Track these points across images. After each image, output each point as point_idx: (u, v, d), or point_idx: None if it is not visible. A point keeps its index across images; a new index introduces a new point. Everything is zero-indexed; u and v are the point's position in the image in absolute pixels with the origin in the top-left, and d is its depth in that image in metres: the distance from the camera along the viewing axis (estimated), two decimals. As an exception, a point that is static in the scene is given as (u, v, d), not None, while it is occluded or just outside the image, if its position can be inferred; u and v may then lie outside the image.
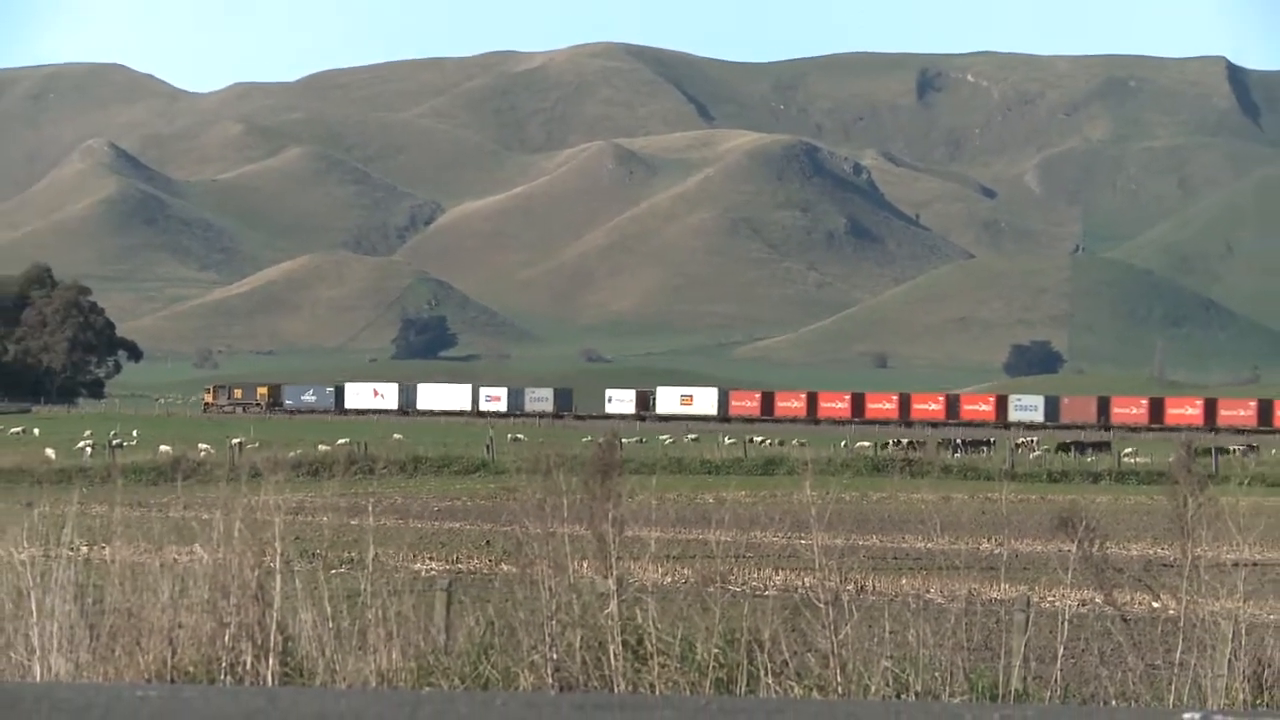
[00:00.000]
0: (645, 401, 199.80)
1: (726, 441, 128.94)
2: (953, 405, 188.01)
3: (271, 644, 21.94)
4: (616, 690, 21.11)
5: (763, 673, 21.04)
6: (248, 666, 21.86)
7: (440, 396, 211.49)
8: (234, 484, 23.91)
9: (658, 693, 20.95)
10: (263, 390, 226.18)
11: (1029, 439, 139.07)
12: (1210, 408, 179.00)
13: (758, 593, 33.58)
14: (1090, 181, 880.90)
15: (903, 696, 20.75)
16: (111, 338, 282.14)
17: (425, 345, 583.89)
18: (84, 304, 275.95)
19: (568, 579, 21.96)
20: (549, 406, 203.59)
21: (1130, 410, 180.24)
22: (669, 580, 38.17)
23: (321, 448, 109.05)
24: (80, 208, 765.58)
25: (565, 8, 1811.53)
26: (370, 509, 27.86)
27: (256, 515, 23.02)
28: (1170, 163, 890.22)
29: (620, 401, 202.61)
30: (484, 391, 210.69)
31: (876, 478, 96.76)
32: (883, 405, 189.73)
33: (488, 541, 53.63)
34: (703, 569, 37.12)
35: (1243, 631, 21.18)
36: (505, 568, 35.21)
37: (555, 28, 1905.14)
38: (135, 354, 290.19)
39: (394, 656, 21.93)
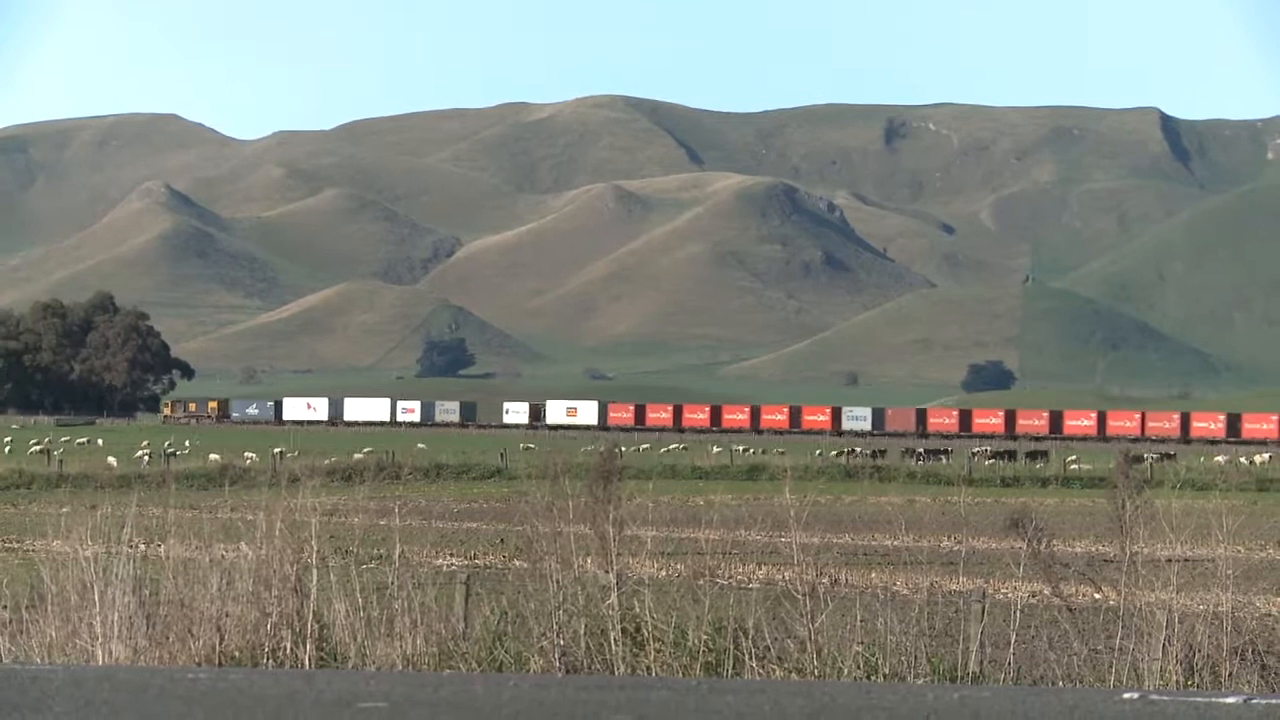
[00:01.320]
0: (537, 413, 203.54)
1: (715, 450, 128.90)
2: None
3: (309, 631, 21.89)
4: (617, 673, 21.05)
5: (747, 657, 20.99)
6: (287, 651, 21.80)
7: (364, 409, 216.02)
8: (275, 489, 23.85)
9: (654, 675, 20.89)
10: (214, 404, 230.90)
11: (983, 448, 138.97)
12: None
13: (743, 585, 33.49)
14: (1039, 219, 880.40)
15: (872, 678, 20.69)
16: (167, 358, 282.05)
17: (447, 365, 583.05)
18: (142, 328, 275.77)
19: (573, 573, 21.92)
20: (455, 417, 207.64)
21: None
22: (664, 574, 38.05)
23: (356, 456, 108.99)
24: (139, 242, 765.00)
25: (572, 64, 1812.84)
26: (397, 511, 27.74)
27: (295, 516, 22.98)
28: (1110, 202, 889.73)
29: (516, 413, 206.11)
30: (400, 404, 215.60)
31: (849, 483, 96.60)
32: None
33: (501, 540, 53.52)
34: (694, 564, 37.03)
35: (1176, 620, 21.14)
36: (517, 563, 35.13)
37: (563, 82, 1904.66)
38: (188, 373, 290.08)
39: (418, 642, 21.88)
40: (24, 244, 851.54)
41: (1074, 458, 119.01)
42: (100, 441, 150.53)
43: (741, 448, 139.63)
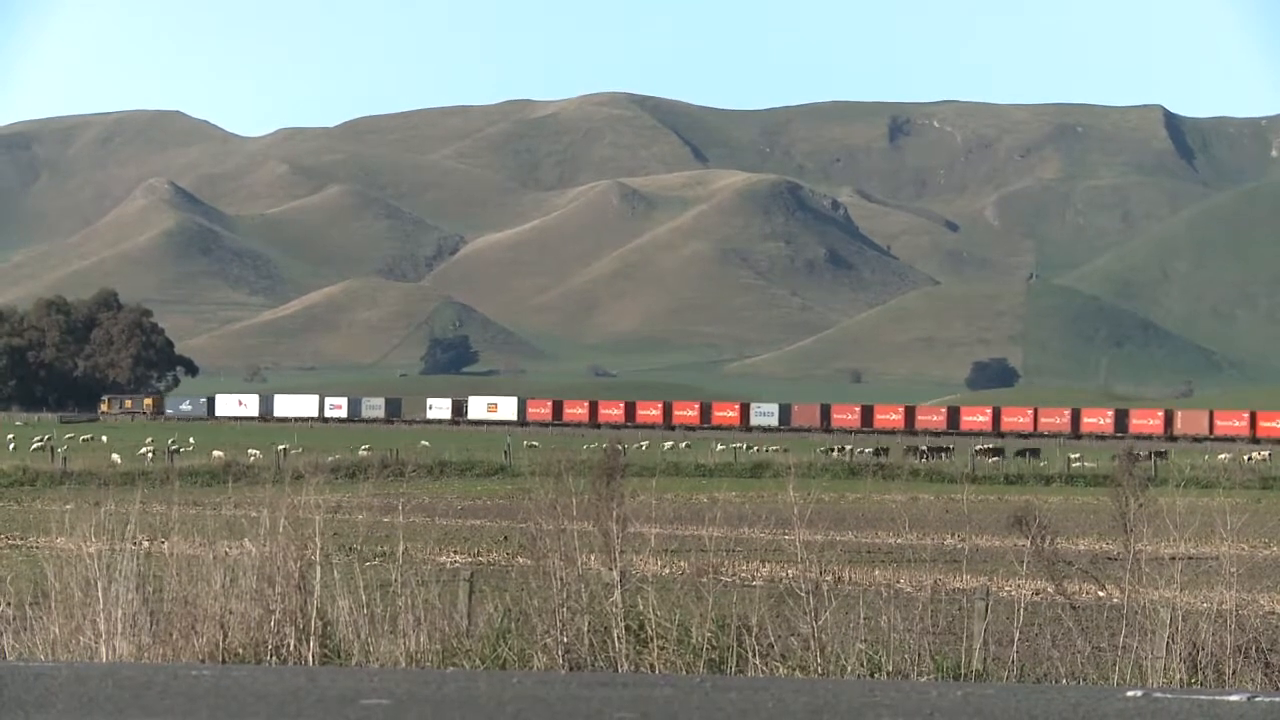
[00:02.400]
0: (459, 409, 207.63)
1: (718, 448, 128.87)
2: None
3: (312, 628, 21.89)
4: (620, 670, 21.05)
5: (751, 654, 20.98)
6: (291, 648, 21.80)
7: (293, 405, 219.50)
8: (279, 485, 23.85)
9: (657, 672, 20.89)
10: (149, 401, 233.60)
11: (984, 445, 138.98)
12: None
13: (746, 583, 33.49)
14: (1042, 216, 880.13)
15: (876, 676, 20.69)
16: (171, 355, 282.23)
17: (450, 362, 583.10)
18: (146, 325, 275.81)
19: (577, 570, 21.91)
20: (381, 413, 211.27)
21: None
22: (667, 572, 38.03)
23: (360, 453, 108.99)
24: (143, 239, 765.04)
25: (576, 61, 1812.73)
26: (400, 508, 27.78)
27: (299, 513, 22.98)
28: (1114, 199, 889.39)
29: (439, 409, 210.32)
30: (328, 400, 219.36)
31: (852, 480, 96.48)
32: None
33: (505, 537, 53.47)
34: (697, 562, 37.00)
35: (1179, 618, 21.13)
36: (521, 560, 35.12)
37: (567, 79, 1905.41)
38: (192, 369, 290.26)
39: (422, 639, 21.88)
40: (28, 241, 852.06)
41: (1078, 455, 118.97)
42: (104, 438, 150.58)
43: (744, 446, 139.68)
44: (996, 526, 48.26)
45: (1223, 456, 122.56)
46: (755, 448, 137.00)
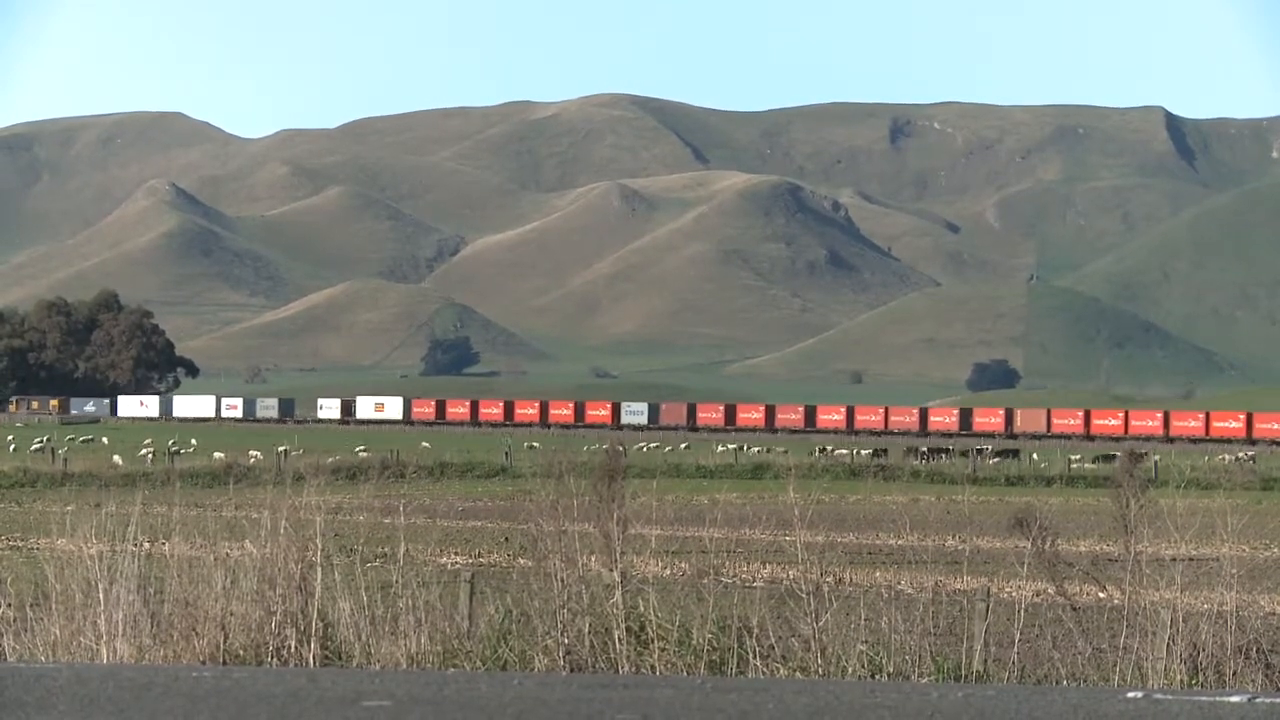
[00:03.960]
0: (348, 409, 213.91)
1: (719, 450, 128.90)
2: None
3: (313, 630, 21.89)
4: (621, 671, 21.05)
5: (752, 655, 20.98)
6: (292, 650, 21.80)
7: (191, 405, 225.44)
8: (280, 487, 23.85)
9: (658, 674, 20.89)
10: (55, 402, 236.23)
11: (983, 447, 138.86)
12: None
13: (747, 584, 33.49)
14: (1043, 217, 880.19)
15: (876, 677, 20.69)
16: (171, 356, 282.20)
17: (451, 363, 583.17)
18: (147, 326, 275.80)
19: (577, 572, 21.91)
20: (275, 414, 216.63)
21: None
22: (668, 573, 38.05)
23: (361, 455, 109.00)
24: (144, 240, 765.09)
25: (577, 63, 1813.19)
26: (401, 509, 27.76)
27: (300, 515, 22.97)
28: (1114, 201, 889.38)
29: (329, 409, 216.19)
30: (224, 401, 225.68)
31: (852, 481, 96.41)
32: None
33: (506, 538, 53.47)
34: (698, 563, 37.02)
35: (1180, 619, 21.14)
36: (522, 562, 35.13)
37: (568, 81, 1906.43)
38: (192, 371, 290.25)
39: (423, 641, 21.88)
40: (28, 242, 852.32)
41: (1078, 456, 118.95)
42: (105, 440, 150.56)
43: (749, 446, 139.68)
44: (997, 528, 48.23)
45: (1222, 458, 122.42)
46: (756, 449, 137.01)
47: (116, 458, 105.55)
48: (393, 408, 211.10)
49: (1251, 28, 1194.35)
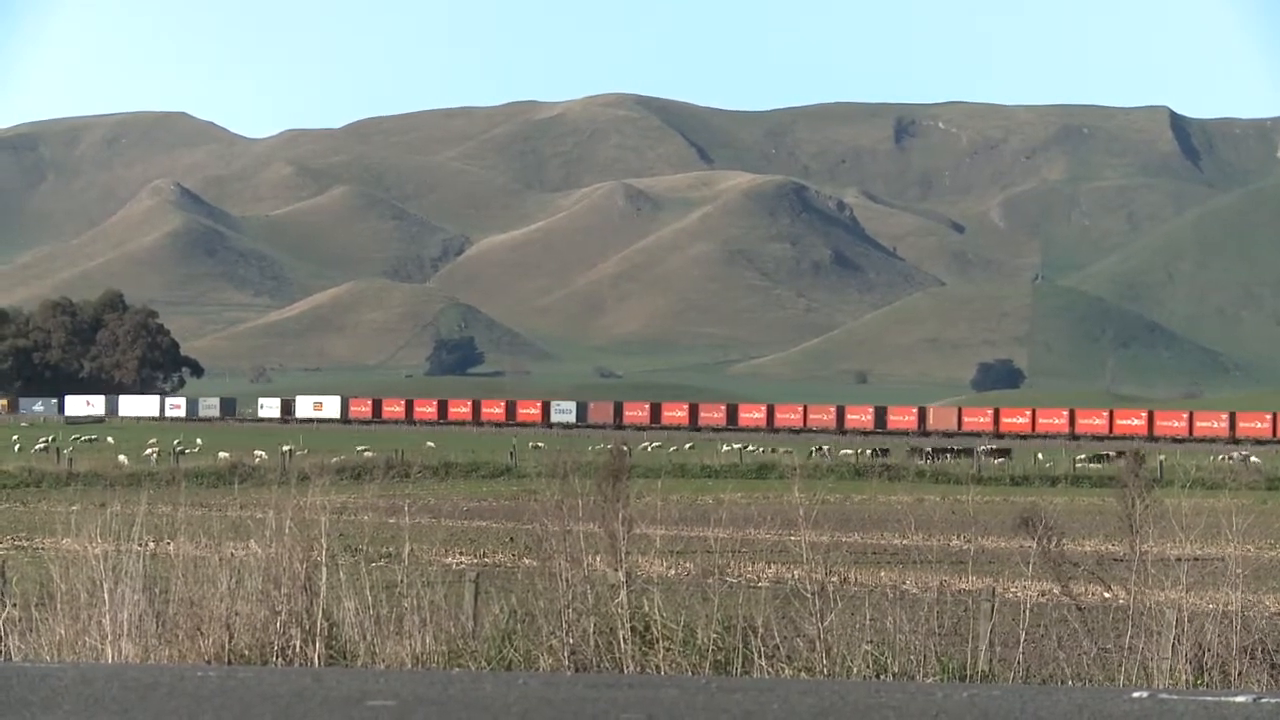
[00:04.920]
0: (288, 408, 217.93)
1: (724, 449, 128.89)
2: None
3: (318, 629, 21.89)
4: (626, 671, 21.04)
5: (757, 655, 20.97)
6: (297, 650, 21.80)
7: (136, 405, 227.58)
8: (285, 487, 23.85)
9: (663, 674, 20.89)
10: (3, 402, 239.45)
11: (989, 446, 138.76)
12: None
13: (752, 584, 33.47)
14: (1048, 217, 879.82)
15: (881, 677, 20.68)
16: (176, 356, 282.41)
17: (456, 363, 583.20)
18: (152, 326, 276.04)
19: (582, 571, 21.90)
20: (216, 412, 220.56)
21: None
22: (672, 573, 38.03)
23: (365, 455, 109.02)
24: (149, 240, 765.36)
25: (582, 63, 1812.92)
26: (406, 509, 27.79)
27: (305, 514, 22.97)
28: (1119, 201, 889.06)
29: (269, 408, 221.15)
30: (168, 401, 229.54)
31: (857, 481, 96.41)
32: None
33: (511, 538, 53.45)
34: (703, 563, 37.00)
35: (1185, 619, 21.12)
36: (527, 561, 35.10)
37: (572, 80, 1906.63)
38: (197, 370, 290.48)
39: (427, 641, 21.87)
40: (33, 242, 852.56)
41: (1083, 456, 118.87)
42: (110, 439, 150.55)
43: (751, 446, 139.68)
44: (1002, 528, 48.20)
45: (1233, 456, 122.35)
46: (754, 448, 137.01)
47: (122, 457, 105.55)
48: (330, 407, 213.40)
49: (1256, 27, 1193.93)
